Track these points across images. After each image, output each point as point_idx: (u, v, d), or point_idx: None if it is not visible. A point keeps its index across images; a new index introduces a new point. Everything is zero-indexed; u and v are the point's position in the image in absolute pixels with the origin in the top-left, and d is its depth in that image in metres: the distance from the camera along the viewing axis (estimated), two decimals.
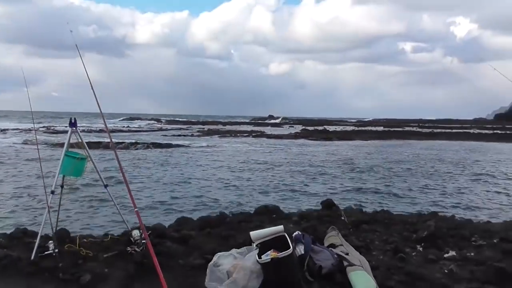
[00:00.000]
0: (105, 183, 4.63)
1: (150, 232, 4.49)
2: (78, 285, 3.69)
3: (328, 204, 6.70)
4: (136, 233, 4.41)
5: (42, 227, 4.18)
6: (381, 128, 64.33)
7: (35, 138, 31.36)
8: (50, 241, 4.11)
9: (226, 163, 21.83)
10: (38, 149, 5.87)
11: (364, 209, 7.57)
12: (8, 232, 4.86)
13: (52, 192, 4.23)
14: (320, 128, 62.91)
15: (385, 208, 8.13)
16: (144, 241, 4.08)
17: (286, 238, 4.06)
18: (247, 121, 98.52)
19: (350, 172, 19.00)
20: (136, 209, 3.79)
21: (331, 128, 64.34)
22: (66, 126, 4.52)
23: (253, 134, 47.95)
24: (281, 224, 4.44)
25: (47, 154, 19.88)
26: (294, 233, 4.43)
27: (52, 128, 49.00)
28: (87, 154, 4.51)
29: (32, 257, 4.01)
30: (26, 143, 30.26)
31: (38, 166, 4.79)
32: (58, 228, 4.71)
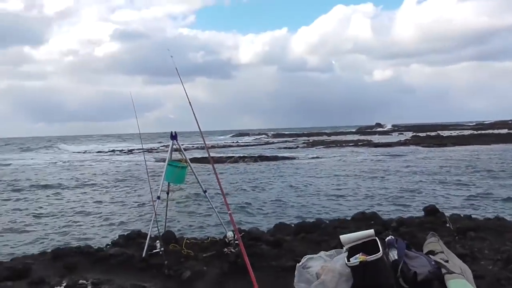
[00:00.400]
0: (204, 189, 5.03)
1: (243, 234, 4.74)
2: (179, 281, 4.07)
3: (431, 210, 6.29)
4: (230, 234, 4.70)
5: (150, 229, 4.70)
6: (505, 131, 57.49)
7: (158, 156, 34.71)
8: (157, 241, 4.60)
9: (331, 173, 21.64)
10: (146, 164, 6.58)
11: (476, 216, 6.94)
12: (126, 234, 5.54)
13: (158, 198, 4.74)
14: (433, 133, 58.63)
15: (504, 216, 7.34)
16: (237, 242, 4.33)
17: (377, 242, 3.96)
18: (353, 130, 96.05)
19: (466, 179, 17.42)
20: (229, 212, 4.06)
21: (445, 133, 59.56)
22: (182, 144, 5.03)
23: (359, 143, 46.62)
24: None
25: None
26: (387, 238, 4.29)
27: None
28: (187, 163, 4.96)
29: (143, 255, 4.52)
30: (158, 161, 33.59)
31: (159, 180, 5.30)
32: (166, 230, 5.24)
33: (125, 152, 47.27)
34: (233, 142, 67.53)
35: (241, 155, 34.77)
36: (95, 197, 15.83)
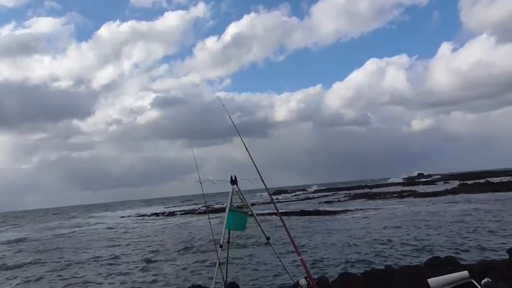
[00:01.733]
0: (267, 236, 4.70)
1: (316, 281, 4.32)
2: None
3: None
4: (303, 282, 4.28)
5: (214, 279, 4.37)
6: None
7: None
8: None
9: (381, 224, 20.57)
10: (209, 218, 6.39)
11: None
12: None
13: (221, 247, 4.45)
14: (482, 180, 55.72)
15: None
16: None
17: (475, 285, 3.47)
18: (400, 180, 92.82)
19: None
20: (300, 257, 3.72)
21: (495, 179, 56.42)
22: (222, 204, 4.89)
23: (404, 194, 44.83)
24: None
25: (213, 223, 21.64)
26: (484, 280, 3.76)
27: (211, 206, 53.47)
28: (249, 208, 4.70)
29: None
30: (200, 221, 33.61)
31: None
32: (227, 281, 4.88)
33: (167, 215, 47.48)
34: (274, 199, 66.57)
35: (282, 210, 34.10)
36: (150, 253, 15.85)
